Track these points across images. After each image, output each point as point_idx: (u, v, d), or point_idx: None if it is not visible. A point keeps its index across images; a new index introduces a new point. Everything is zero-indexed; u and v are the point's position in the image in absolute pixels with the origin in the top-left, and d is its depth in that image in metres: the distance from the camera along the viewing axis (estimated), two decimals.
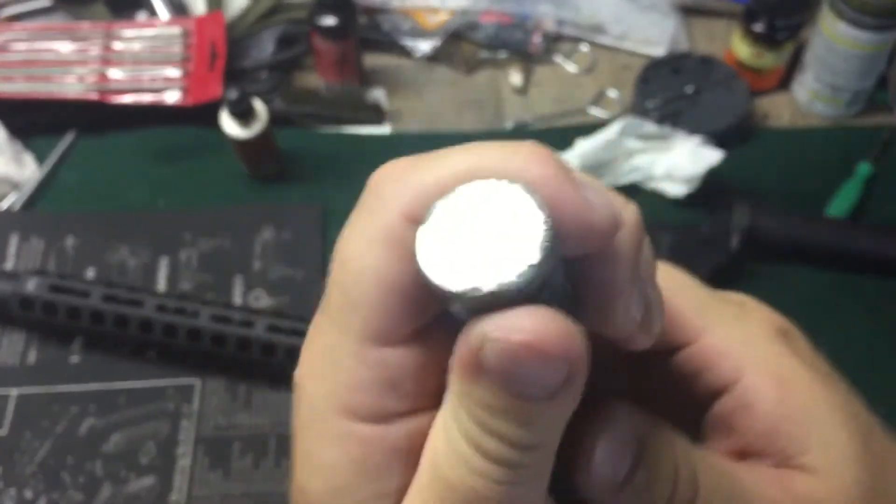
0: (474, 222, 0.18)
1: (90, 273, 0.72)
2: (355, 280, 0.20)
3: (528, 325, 0.17)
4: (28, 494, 0.61)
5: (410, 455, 0.20)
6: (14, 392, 0.65)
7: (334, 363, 0.20)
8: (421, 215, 0.19)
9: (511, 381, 0.18)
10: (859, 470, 0.23)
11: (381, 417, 0.20)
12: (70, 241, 0.74)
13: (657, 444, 0.22)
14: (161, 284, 0.71)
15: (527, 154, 0.19)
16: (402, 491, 0.20)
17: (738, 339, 0.24)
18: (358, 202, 0.21)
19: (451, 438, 0.19)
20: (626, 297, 0.20)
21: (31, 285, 0.64)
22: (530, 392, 0.18)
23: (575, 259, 0.19)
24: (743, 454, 0.24)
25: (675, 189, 0.77)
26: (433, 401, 0.20)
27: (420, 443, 0.20)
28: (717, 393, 0.25)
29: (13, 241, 0.74)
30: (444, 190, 0.19)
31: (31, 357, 0.67)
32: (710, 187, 0.75)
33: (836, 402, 0.24)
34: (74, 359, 0.67)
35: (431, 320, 0.20)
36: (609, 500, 0.22)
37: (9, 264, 0.73)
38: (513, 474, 0.19)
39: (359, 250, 0.20)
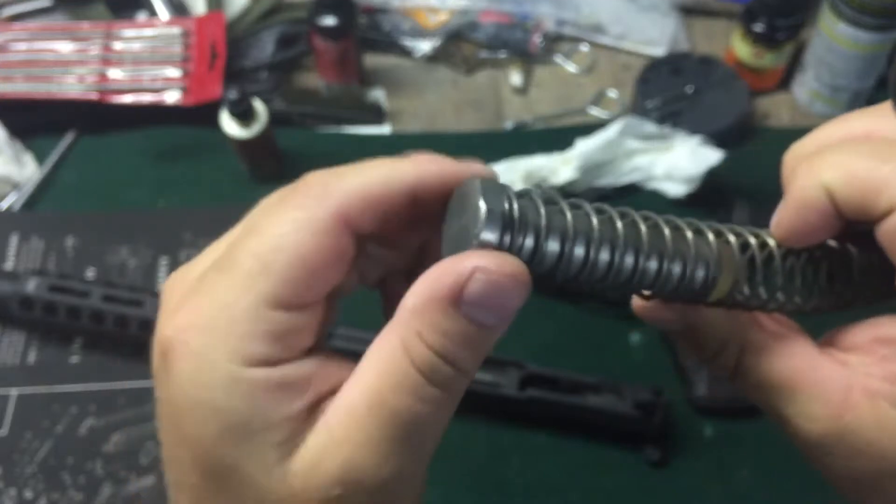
0: (464, 203, 0.25)
1: (90, 273, 0.72)
2: (274, 251, 0.25)
3: (511, 263, 0.24)
4: (28, 494, 0.61)
5: (288, 390, 0.25)
6: (14, 392, 0.65)
7: (231, 318, 0.24)
8: (345, 214, 0.25)
9: (484, 307, 0.23)
10: None
11: (268, 363, 0.24)
12: (70, 241, 0.74)
13: (710, 319, 0.30)
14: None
15: (416, 159, 0.27)
16: (291, 420, 0.24)
17: None
18: (281, 197, 0.26)
19: (401, 373, 0.24)
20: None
21: (31, 285, 0.65)
22: (487, 320, 0.24)
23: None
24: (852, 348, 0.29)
25: (675, 189, 0.76)
26: (302, 354, 0.25)
27: (294, 381, 0.25)
28: None
29: (13, 241, 0.74)
30: (361, 195, 0.26)
31: (31, 357, 0.67)
32: (710, 187, 0.75)
33: None
34: (74, 359, 0.67)
35: (319, 297, 0.26)
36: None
37: (9, 264, 0.73)
38: (449, 398, 0.25)
39: (284, 230, 0.25)
